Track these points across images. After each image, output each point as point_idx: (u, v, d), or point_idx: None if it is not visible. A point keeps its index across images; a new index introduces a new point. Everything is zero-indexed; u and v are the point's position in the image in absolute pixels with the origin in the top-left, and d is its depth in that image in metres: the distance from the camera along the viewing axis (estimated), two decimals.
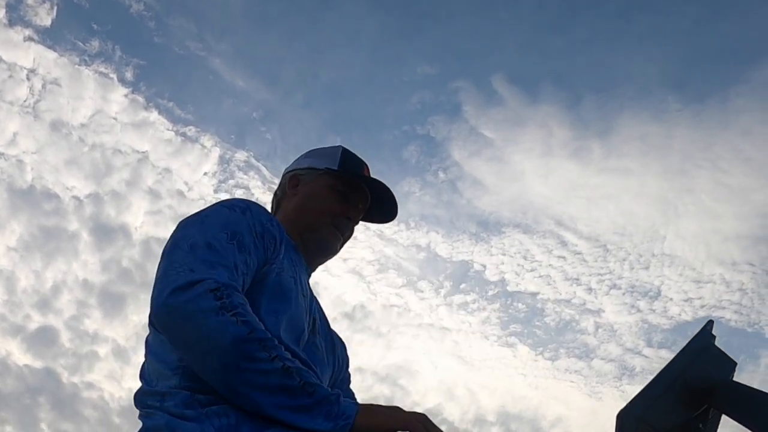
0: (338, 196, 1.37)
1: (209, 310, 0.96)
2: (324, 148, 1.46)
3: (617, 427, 1.16)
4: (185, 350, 0.99)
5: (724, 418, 1.20)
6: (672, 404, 1.17)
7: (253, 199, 1.26)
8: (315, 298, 1.33)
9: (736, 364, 1.25)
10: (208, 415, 0.97)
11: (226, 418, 0.96)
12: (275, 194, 1.47)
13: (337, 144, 1.48)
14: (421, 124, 8.77)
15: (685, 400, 1.17)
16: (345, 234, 1.40)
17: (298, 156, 1.48)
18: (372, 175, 1.44)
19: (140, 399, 1.08)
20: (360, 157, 1.45)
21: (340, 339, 1.39)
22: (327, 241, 1.37)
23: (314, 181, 1.39)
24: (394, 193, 1.44)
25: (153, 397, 1.05)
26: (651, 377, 1.21)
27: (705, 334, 1.28)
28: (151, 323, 1.13)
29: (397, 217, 1.50)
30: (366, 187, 1.42)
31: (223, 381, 0.97)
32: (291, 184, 1.42)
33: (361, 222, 1.46)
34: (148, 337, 1.18)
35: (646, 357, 9.00)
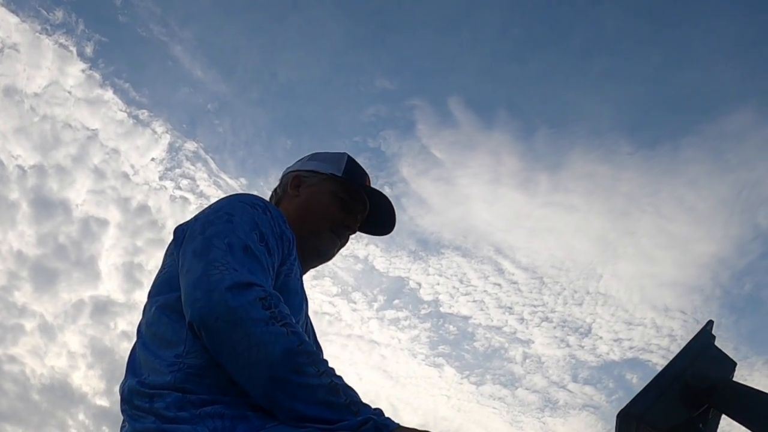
0: (340, 202, 1.38)
1: (259, 320, 0.94)
2: (329, 153, 1.46)
3: (617, 427, 1.16)
4: (229, 357, 0.96)
5: (724, 418, 1.19)
6: (672, 404, 1.16)
7: (197, 192, 1.25)
8: (307, 299, 1.33)
9: (735, 364, 1.24)
10: (201, 416, 0.95)
11: (221, 420, 0.94)
12: (275, 191, 1.46)
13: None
14: (373, 136, 8.80)
15: (685, 400, 1.17)
16: (342, 241, 1.40)
17: (302, 157, 1.49)
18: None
19: (128, 395, 1.05)
20: (363, 167, 1.46)
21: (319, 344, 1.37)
22: (326, 246, 1.37)
23: (317, 185, 1.39)
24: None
25: (141, 398, 1.01)
26: (573, 412, 1.20)
27: (705, 334, 1.27)
28: (160, 311, 1.10)
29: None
30: (366, 198, 1.42)
31: (266, 391, 0.94)
32: (293, 184, 1.42)
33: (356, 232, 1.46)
34: (140, 326, 1.16)
35: (570, 392, 9.04)
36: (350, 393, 0.94)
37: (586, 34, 8.56)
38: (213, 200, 1.39)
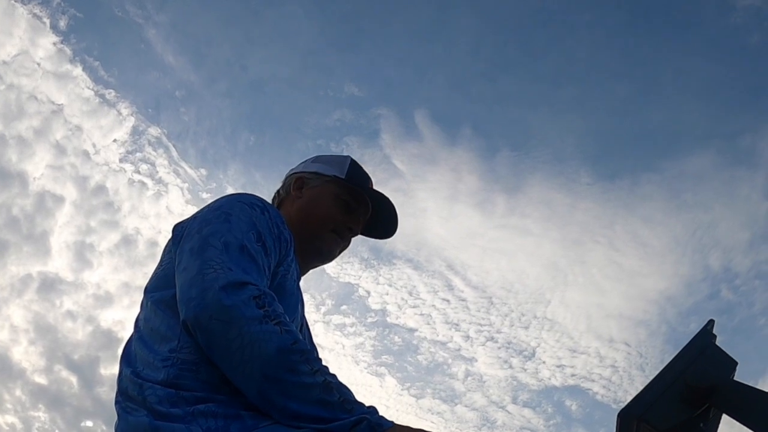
0: (343, 205, 1.39)
1: (253, 318, 0.94)
2: (332, 155, 1.48)
3: (617, 427, 1.16)
4: (223, 356, 0.96)
5: (724, 417, 1.19)
6: (672, 404, 1.16)
7: (156, 178, 1.26)
8: (303, 300, 1.33)
9: (737, 363, 1.24)
10: (194, 414, 0.95)
11: (214, 419, 0.94)
12: (278, 193, 1.47)
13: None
14: (337, 141, 8.82)
15: (686, 399, 1.16)
16: (344, 243, 1.40)
17: (305, 159, 1.50)
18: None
19: (123, 385, 1.06)
20: (366, 170, 1.47)
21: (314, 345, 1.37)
22: (328, 247, 1.38)
23: (320, 186, 1.41)
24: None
25: (134, 386, 1.02)
26: None
27: (705, 334, 1.27)
28: (156, 307, 1.11)
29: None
30: (369, 201, 1.42)
31: (260, 390, 0.94)
32: (296, 185, 1.43)
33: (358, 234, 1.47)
34: (137, 320, 1.17)
35: (509, 413, 9.07)
36: (344, 391, 0.94)
37: (557, 60, 8.62)
38: (171, 187, 1.42)
